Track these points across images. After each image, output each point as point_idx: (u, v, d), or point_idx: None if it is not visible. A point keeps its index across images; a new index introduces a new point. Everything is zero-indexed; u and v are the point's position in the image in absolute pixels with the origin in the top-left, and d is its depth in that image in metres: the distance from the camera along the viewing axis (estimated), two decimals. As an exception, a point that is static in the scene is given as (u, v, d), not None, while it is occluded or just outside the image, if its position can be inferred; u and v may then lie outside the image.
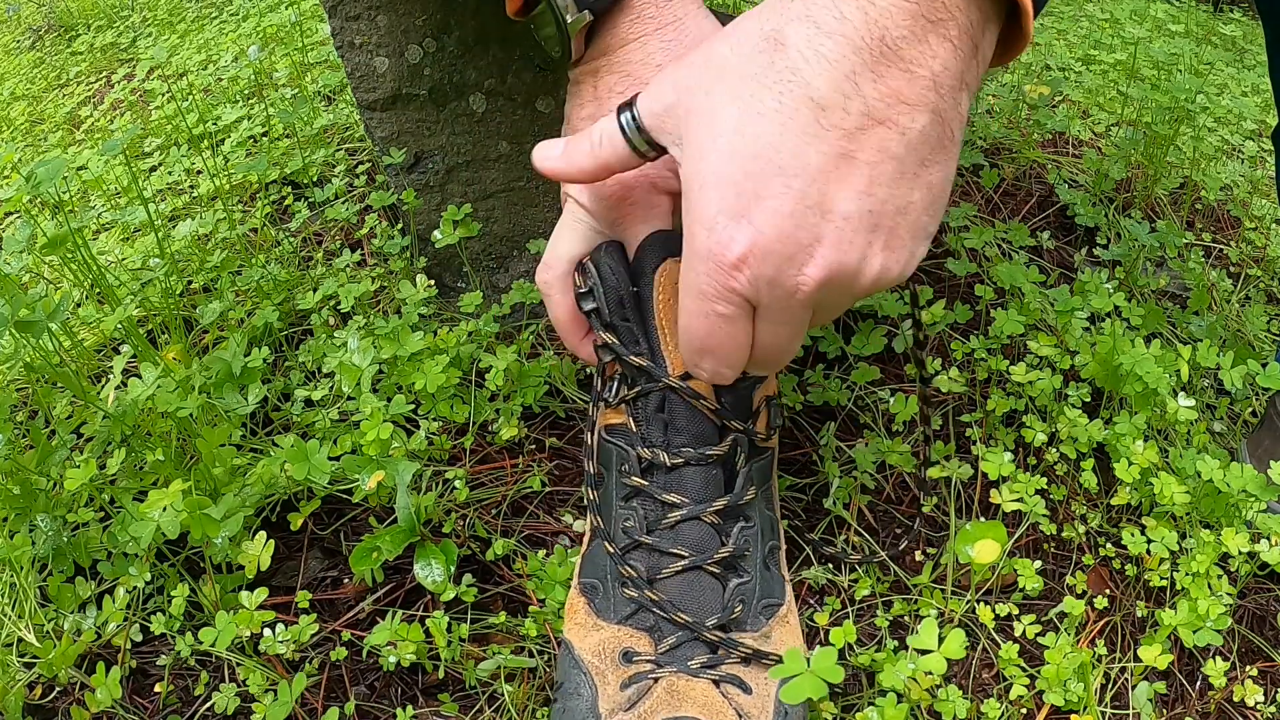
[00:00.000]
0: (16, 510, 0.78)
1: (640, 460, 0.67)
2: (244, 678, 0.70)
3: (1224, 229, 1.29)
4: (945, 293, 1.04)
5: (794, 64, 0.47)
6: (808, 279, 0.49)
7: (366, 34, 0.92)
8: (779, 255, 0.48)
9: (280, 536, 0.81)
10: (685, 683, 0.61)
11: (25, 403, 0.98)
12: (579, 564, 0.71)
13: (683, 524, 0.66)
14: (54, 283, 1.20)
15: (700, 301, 0.52)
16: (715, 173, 0.49)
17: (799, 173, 0.47)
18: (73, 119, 1.98)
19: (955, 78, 0.47)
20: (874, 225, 0.49)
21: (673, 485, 0.66)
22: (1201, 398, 0.94)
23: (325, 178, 1.30)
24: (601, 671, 0.63)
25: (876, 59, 0.46)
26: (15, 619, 0.73)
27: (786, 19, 0.48)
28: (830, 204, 0.48)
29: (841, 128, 0.47)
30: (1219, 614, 0.70)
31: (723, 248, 0.49)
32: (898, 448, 0.85)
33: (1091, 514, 0.82)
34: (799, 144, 0.47)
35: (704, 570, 0.65)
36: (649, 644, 0.64)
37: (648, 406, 0.67)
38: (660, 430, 0.66)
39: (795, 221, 0.48)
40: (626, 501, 0.67)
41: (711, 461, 0.66)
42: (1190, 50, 2.05)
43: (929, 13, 0.46)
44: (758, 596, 0.66)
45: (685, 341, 0.55)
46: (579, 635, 0.66)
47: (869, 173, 0.48)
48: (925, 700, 0.67)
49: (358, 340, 0.88)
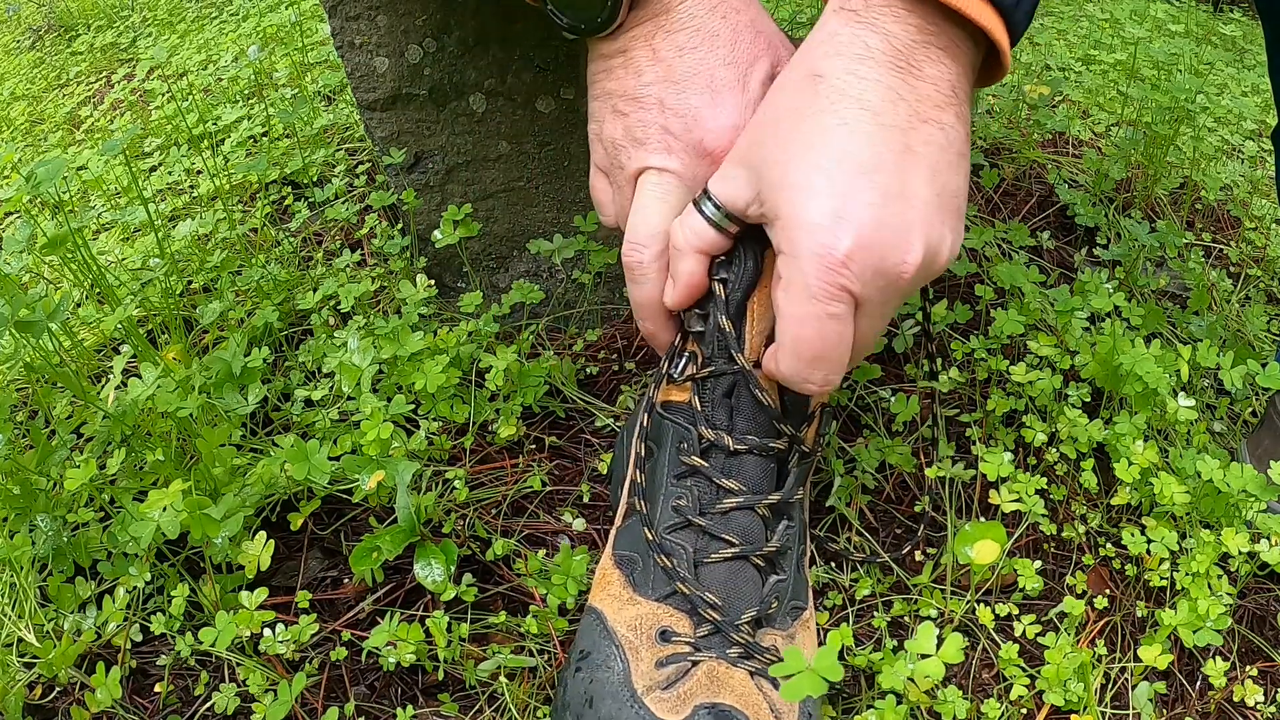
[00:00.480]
0: (16, 510, 0.78)
1: (701, 440, 0.66)
2: (244, 678, 0.70)
3: (1224, 229, 1.29)
4: (945, 293, 1.04)
5: (838, 87, 0.54)
6: (909, 264, 0.54)
7: (366, 34, 0.92)
8: (881, 244, 0.53)
9: (280, 536, 0.81)
10: (725, 670, 0.61)
11: (25, 403, 0.98)
12: (613, 536, 0.70)
13: (736, 512, 0.65)
14: (54, 283, 1.20)
15: (811, 305, 0.54)
16: (805, 185, 0.54)
17: (878, 168, 0.53)
18: (73, 119, 1.98)
19: (965, 88, 0.56)
20: (942, 206, 0.55)
21: (731, 471, 0.66)
22: (1201, 398, 0.94)
23: (325, 178, 1.30)
24: (635, 647, 0.62)
25: (905, 73, 0.53)
26: (15, 619, 0.73)
27: (818, 58, 0.55)
28: (910, 191, 0.54)
29: (897, 126, 0.53)
30: (1219, 614, 0.70)
31: (829, 247, 0.53)
32: (898, 448, 0.85)
33: (1091, 514, 0.82)
34: (870, 144, 0.53)
35: (750, 561, 0.65)
36: (688, 625, 0.63)
37: (716, 389, 0.66)
38: (726, 415, 0.66)
39: (888, 210, 0.53)
40: (680, 480, 0.67)
41: (771, 454, 0.67)
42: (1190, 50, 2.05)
43: (937, 42, 0.54)
44: (790, 596, 0.67)
45: (797, 354, 0.57)
46: (613, 606, 0.65)
47: (928, 161, 0.54)
48: (925, 702, 0.67)
49: (358, 340, 0.88)
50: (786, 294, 0.55)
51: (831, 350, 0.56)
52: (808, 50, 0.56)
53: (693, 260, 0.63)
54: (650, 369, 0.97)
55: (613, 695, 0.60)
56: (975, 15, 0.52)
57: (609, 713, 0.59)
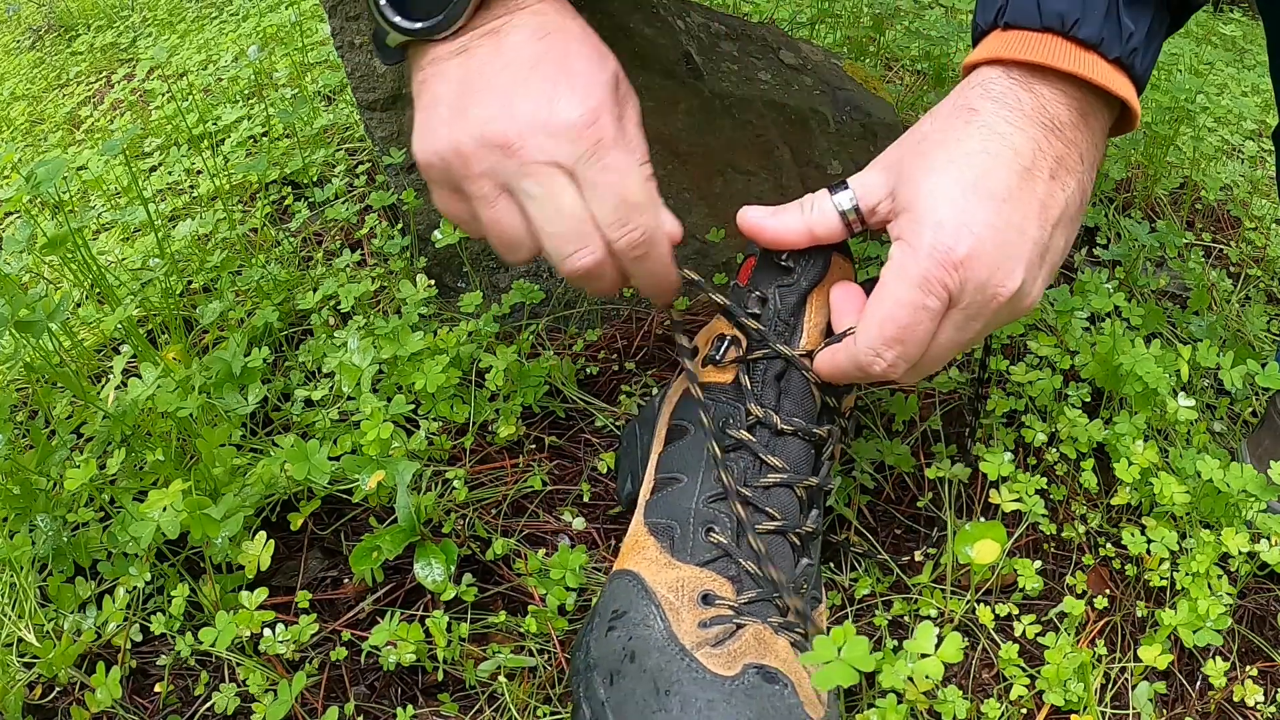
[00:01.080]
0: (16, 510, 0.78)
1: (749, 416, 0.68)
2: (244, 678, 0.70)
3: (1224, 229, 1.29)
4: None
5: (989, 124, 0.59)
6: (1007, 288, 0.58)
7: (367, 34, 0.92)
8: (990, 262, 0.57)
9: (280, 536, 0.81)
10: (771, 635, 0.61)
11: (25, 403, 0.98)
12: (642, 507, 0.70)
13: (778, 488, 0.67)
14: (54, 283, 1.20)
15: (914, 292, 0.58)
16: (942, 192, 0.58)
17: (1007, 199, 0.58)
18: (73, 119, 1.98)
19: (1095, 156, 0.61)
20: (1042, 256, 0.60)
21: (777, 449, 0.68)
22: (1201, 398, 0.94)
23: (325, 178, 1.30)
24: (675, 607, 0.62)
25: (1049, 131, 0.58)
26: (15, 619, 0.73)
27: (973, 98, 0.60)
28: (1026, 229, 0.58)
29: (1031, 172, 0.58)
30: (1219, 614, 0.70)
31: (949, 247, 0.57)
32: (897, 448, 0.85)
33: (1091, 514, 0.82)
34: (1005, 177, 0.58)
35: (788, 539, 0.67)
36: (730, 591, 0.64)
37: (768, 371, 0.69)
38: (774, 396, 0.69)
39: (1005, 236, 0.58)
40: (725, 454, 0.68)
41: (813, 440, 0.69)
42: (1190, 50, 2.05)
43: (1082, 107, 0.59)
44: (813, 584, 0.68)
45: (881, 329, 0.60)
46: (651, 570, 0.65)
47: (1049, 212, 0.59)
48: (924, 704, 0.67)
49: (358, 340, 0.88)
50: (895, 276, 0.59)
51: (911, 337, 0.59)
52: (962, 90, 0.61)
53: (801, 230, 0.66)
54: (650, 369, 0.97)
55: (659, 649, 0.59)
56: (1118, 89, 0.58)
57: (657, 664, 0.58)
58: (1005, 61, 0.59)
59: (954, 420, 0.90)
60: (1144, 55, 0.59)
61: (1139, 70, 0.59)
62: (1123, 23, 0.58)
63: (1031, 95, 0.59)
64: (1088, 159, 0.60)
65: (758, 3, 1.84)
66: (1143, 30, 0.59)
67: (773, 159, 1.04)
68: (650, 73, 0.98)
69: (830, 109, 1.06)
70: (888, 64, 1.65)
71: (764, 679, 0.58)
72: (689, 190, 1.02)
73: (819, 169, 1.06)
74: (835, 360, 0.65)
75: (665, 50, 0.99)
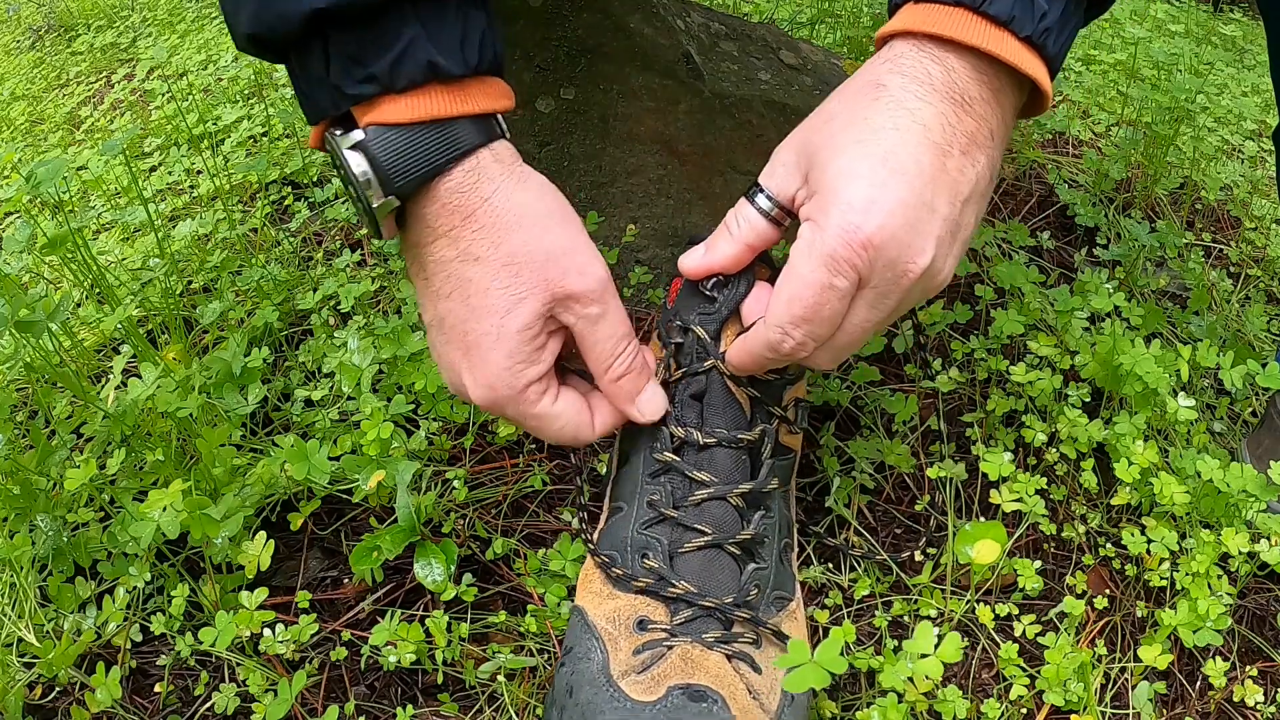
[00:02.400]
0: (16, 510, 0.78)
1: (673, 439, 0.68)
2: (244, 678, 0.70)
3: (1224, 229, 1.29)
4: (945, 293, 1.04)
5: (897, 98, 0.58)
6: (917, 265, 0.57)
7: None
8: (899, 241, 0.56)
9: (280, 536, 0.81)
10: (700, 653, 0.61)
11: (25, 403, 0.98)
12: (596, 537, 0.71)
13: (709, 502, 0.67)
14: (54, 283, 1.20)
15: (821, 272, 0.57)
16: (850, 171, 0.57)
17: (917, 175, 0.57)
18: (73, 119, 1.98)
19: (1003, 134, 0.60)
20: (954, 232, 0.59)
21: (703, 464, 0.68)
22: (1201, 398, 0.94)
23: (325, 178, 1.30)
24: (614, 637, 0.63)
25: (959, 106, 0.58)
26: (15, 619, 0.73)
27: (882, 73, 0.59)
28: (936, 204, 0.57)
29: (940, 146, 0.57)
30: (1219, 614, 0.70)
31: (855, 226, 0.56)
32: (897, 448, 0.85)
33: (1091, 514, 0.82)
34: (914, 153, 0.57)
35: (724, 550, 0.66)
36: (665, 614, 0.64)
37: (687, 390, 0.69)
38: (696, 414, 0.69)
39: (916, 214, 0.57)
40: (654, 478, 0.68)
41: (742, 445, 0.68)
42: (1190, 50, 2.05)
43: (993, 84, 0.58)
44: (771, 586, 0.68)
45: (789, 309, 0.59)
46: (593, 602, 0.66)
47: (957, 188, 0.58)
48: (923, 705, 0.67)
49: (358, 340, 0.88)
50: (803, 255, 0.58)
51: (818, 315, 0.58)
52: (871, 65, 0.60)
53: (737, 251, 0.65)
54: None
55: (590, 682, 0.61)
56: (1027, 69, 0.57)
57: (586, 699, 0.60)
58: (917, 34, 0.58)
59: (954, 420, 0.90)
60: (1058, 36, 0.58)
61: (1051, 51, 0.58)
62: (1036, 2, 0.57)
63: (942, 69, 0.57)
64: (998, 135, 0.60)
65: (758, 3, 1.84)
66: (1056, 12, 0.57)
67: (773, 159, 1.04)
68: (650, 73, 0.98)
69: (830, 109, 1.06)
70: (888, 64, 1.64)
71: (689, 698, 0.58)
72: (689, 190, 1.02)
73: (819, 169, 1.06)
74: (746, 346, 0.64)
75: (665, 50, 0.99)
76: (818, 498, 0.84)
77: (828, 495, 0.83)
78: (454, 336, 0.62)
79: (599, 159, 1.00)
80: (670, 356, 0.70)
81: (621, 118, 0.99)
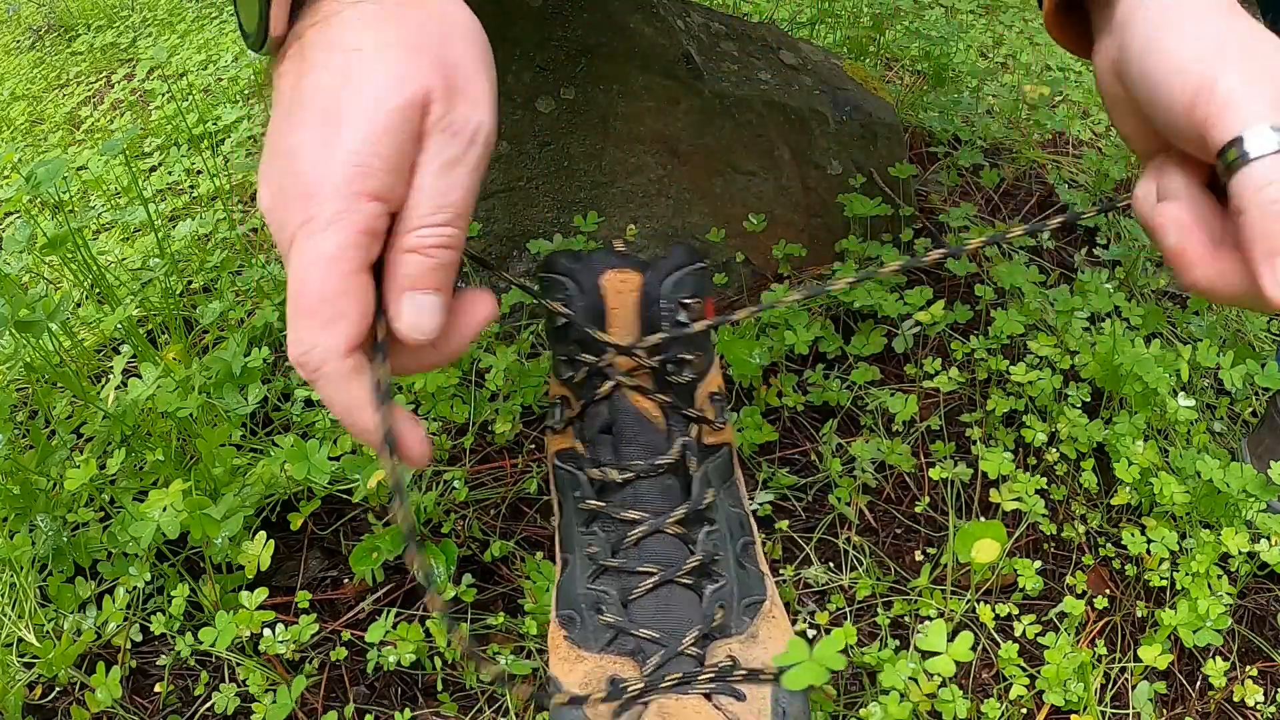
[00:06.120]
0: (16, 510, 0.78)
1: (593, 482, 0.65)
2: (244, 678, 0.70)
3: (1224, 229, 1.29)
4: (945, 293, 1.04)
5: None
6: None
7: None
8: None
9: (280, 536, 0.81)
10: (675, 702, 0.59)
11: (25, 403, 0.98)
12: (554, 596, 0.68)
13: (646, 539, 0.64)
14: (54, 283, 1.20)
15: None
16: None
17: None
18: (73, 119, 1.98)
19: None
20: None
21: (629, 501, 0.64)
22: (1201, 398, 0.94)
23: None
24: (593, 703, 0.61)
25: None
26: (15, 619, 0.74)
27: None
28: None
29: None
30: (1219, 614, 0.70)
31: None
32: (897, 448, 0.85)
33: (1091, 514, 0.82)
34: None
35: (676, 583, 0.64)
36: (634, 668, 0.61)
37: (594, 426, 0.65)
38: (609, 449, 0.65)
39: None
40: (587, 526, 0.65)
41: (664, 471, 0.65)
42: (1190, 50, 2.04)
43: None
44: (738, 597, 0.65)
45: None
46: (564, 669, 0.63)
47: None
48: (924, 705, 0.67)
49: (358, 340, 0.88)
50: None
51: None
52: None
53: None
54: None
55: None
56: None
57: None
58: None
59: (954, 420, 0.90)
60: None
61: None
62: None
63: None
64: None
65: (758, 3, 1.84)
66: None
67: (773, 159, 1.04)
68: (650, 73, 0.98)
69: (830, 109, 1.06)
70: (888, 64, 1.65)
71: None
72: (689, 190, 1.02)
73: (819, 169, 1.06)
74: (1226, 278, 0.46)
75: (665, 50, 0.99)
76: (817, 498, 0.84)
77: (827, 495, 0.83)
78: (310, 110, 0.47)
79: (599, 159, 1.00)
80: (569, 397, 0.66)
81: (621, 118, 0.99)
